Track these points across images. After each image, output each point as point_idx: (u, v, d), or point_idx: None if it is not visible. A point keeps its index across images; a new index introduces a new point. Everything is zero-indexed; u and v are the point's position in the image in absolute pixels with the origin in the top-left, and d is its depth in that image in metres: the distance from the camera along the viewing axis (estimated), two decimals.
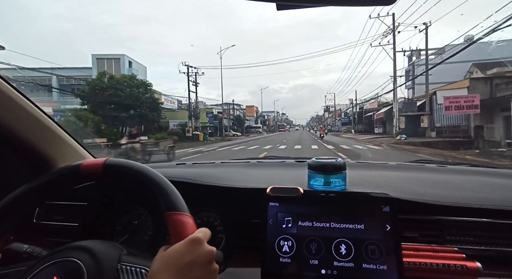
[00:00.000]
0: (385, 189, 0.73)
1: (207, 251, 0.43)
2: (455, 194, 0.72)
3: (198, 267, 0.41)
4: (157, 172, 0.52)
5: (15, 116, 0.71)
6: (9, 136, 0.72)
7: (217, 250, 0.46)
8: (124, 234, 0.82)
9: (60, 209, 0.86)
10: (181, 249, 0.41)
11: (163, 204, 0.47)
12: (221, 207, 0.79)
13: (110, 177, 0.54)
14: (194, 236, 0.43)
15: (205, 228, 0.47)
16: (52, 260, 0.46)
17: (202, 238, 0.43)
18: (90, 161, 0.54)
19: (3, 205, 0.52)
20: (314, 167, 0.69)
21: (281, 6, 0.47)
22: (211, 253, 0.43)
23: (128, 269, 0.46)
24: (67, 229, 0.83)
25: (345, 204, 0.62)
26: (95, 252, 0.47)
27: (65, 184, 0.56)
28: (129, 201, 0.85)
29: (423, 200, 0.68)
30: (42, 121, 0.78)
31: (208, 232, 0.46)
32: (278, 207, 0.62)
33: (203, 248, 0.43)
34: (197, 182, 0.80)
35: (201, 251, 0.42)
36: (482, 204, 0.67)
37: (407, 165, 1.07)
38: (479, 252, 0.63)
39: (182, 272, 0.40)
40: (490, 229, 0.66)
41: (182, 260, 0.40)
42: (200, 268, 0.41)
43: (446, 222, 0.67)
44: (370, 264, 0.56)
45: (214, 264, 0.44)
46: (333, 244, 0.58)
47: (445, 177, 0.91)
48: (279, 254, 0.59)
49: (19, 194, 0.53)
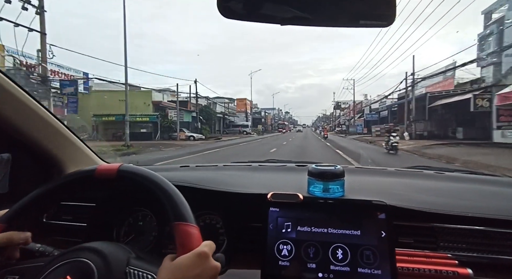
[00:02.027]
0: (382, 196, 0.75)
1: (212, 267, 0.45)
2: (450, 202, 0.75)
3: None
4: (168, 181, 0.54)
5: (31, 122, 0.75)
6: (25, 140, 0.76)
7: (219, 253, 0.49)
8: (129, 234, 0.85)
9: (69, 210, 0.90)
10: (188, 263, 0.43)
11: (171, 214, 0.49)
12: (223, 211, 0.82)
13: (122, 183, 0.56)
14: (201, 250, 0.45)
15: (210, 242, 0.48)
16: (65, 259, 0.49)
17: (208, 252, 0.45)
18: (105, 166, 0.56)
19: (22, 205, 0.55)
20: (314, 174, 0.72)
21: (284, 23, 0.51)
22: (216, 269, 0.45)
23: (135, 274, 0.48)
24: (75, 229, 0.86)
25: (343, 210, 0.64)
26: (106, 254, 0.49)
27: (80, 187, 0.59)
28: (135, 203, 0.88)
29: (419, 208, 0.71)
30: (55, 126, 0.82)
31: (213, 245, 0.48)
32: (279, 212, 0.65)
33: (209, 263, 0.44)
34: (201, 187, 0.83)
35: (207, 265, 0.44)
36: (476, 213, 0.70)
37: (405, 172, 1.09)
38: (472, 259, 0.65)
39: None
40: (483, 237, 0.68)
41: (188, 273, 0.42)
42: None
43: (440, 229, 0.69)
44: (365, 268, 0.59)
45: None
46: (330, 248, 0.61)
47: (442, 184, 0.93)
48: (279, 257, 0.62)
49: (36, 195, 0.56)
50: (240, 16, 0.48)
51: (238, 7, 0.48)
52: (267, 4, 0.47)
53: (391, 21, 0.47)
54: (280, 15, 0.49)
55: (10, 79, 0.69)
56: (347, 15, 0.48)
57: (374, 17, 0.48)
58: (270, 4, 0.47)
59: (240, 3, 0.47)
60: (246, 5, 0.47)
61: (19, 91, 0.72)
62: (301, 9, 0.47)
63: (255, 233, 0.74)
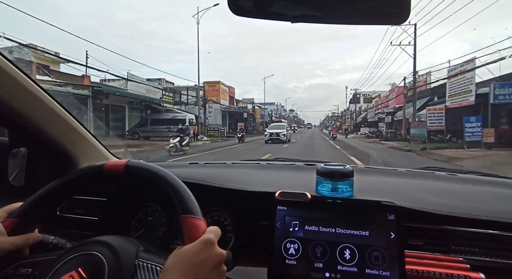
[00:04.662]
0: (391, 196, 0.74)
1: (218, 253, 0.46)
2: (463, 205, 0.73)
3: (208, 267, 0.44)
4: (174, 176, 0.55)
5: (47, 118, 0.78)
6: (40, 136, 0.78)
7: (226, 250, 0.49)
8: (139, 229, 0.87)
9: (82, 204, 0.92)
10: (194, 249, 0.45)
11: (179, 207, 0.50)
12: (231, 208, 0.83)
13: (130, 178, 0.58)
14: (207, 238, 0.46)
15: (215, 227, 0.49)
16: (77, 252, 0.51)
17: (213, 239, 0.46)
18: (113, 162, 0.58)
19: (35, 198, 0.57)
20: (322, 173, 0.71)
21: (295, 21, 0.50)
22: (222, 255, 0.46)
23: (145, 266, 0.49)
24: (87, 222, 0.89)
25: (351, 210, 0.64)
26: (115, 247, 0.50)
27: (89, 182, 0.61)
28: (145, 198, 0.90)
29: (430, 210, 0.69)
30: (69, 122, 0.84)
31: (219, 231, 0.49)
32: (286, 211, 0.65)
33: (215, 250, 0.46)
34: (209, 184, 0.84)
35: (212, 252, 0.45)
36: (489, 216, 0.68)
37: (416, 172, 1.07)
38: (484, 263, 0.64)
39: (194, 270, 0.43)
40: (497, 241, 0.66)
41: (194, 259, 0.44)
42: (210, 268, 0.44)
43: (451, 232, 0.68)
44: (373, 269, 0.58)
45: (223, 266, 0.47)
46: (338, 248, 0.61)
47: (454, 186, 0.90)
48: (286, 256, 0.62)
49: (49, 189, 0.58)
50: (250, 13, 0.47)
51: (249, 4, 0.47)
52: (277, 1, 0.46)
53: (405, 18, 0.46)
54: (291, 13, 0.48)
55: (30, 78, 0.72)
56: (359, 12, 0.47)
57: (387, 14, 0.47)
58: (280, 1, 0.46)
59: (251, 0, 0.47)
60: (256, 2, 0.47)
61: (38, 90, 0.74)
62: (311, 6, 0.46)
63: (263, 231, 0.74)
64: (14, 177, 0.88)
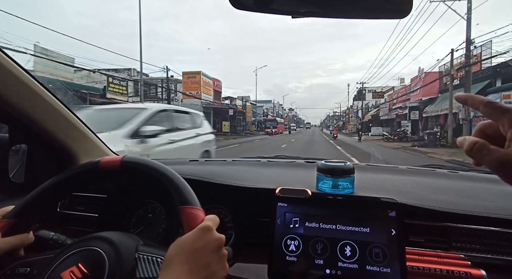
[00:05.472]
0: (392, 193, 0.74)
1: (216, 238, 0.47)
2: (464, 202, 0.72)
3: (208, 252, 0.45)
4: (171, 169, 0.55)
5: (47, 114, 0.77)
6: (40, 132, 0.78)
7: (227, 246, 0.49)
8: (139, 226, 0.87)
9: (82, 200, 0.92)
10: (193, 236, 0.45)
11: (177, 199, 0.51)
12: (231, 205, 0.83)
13: (127, 173, 0.58)
14: (204, 224, 0.47)
15: (213, 215, 0.50)
16: (76, 248, 0.51)
17: (211, 225, 0.47)
18: (109, 158, 0.58)
19: (34, 195, 0.57)
20: (323, 170, 0.71)
21: (295, 16, 0.50)
22: (220, 240, 0.47)
23: (145, 258, 0.50)
24: (87, 219, 0.89)
25: (352, 207, 0.63)
26: (115, 242, 0.51)
27: (86, 179, 0.61)
28: (145, 195, 0.90)
29: (431, 207, 0.69)
30: (69, 119, 0.84)
31: (217, 218, 0.50)
32: (287, 208, 0.65)
33: (213, 235, 0.46)
34: (209, 181, 0.83)
35: (211, 237, 0.46)
36: (491, 213, 0.67)
37: (417, 170, 1.06)
38: (485, 260, 0.63)
39: (194, 256, 0.44)
40: (498, 238, 0.66)
41: (193, 246, 0.44)
42: (210, 253, 0.45)
43: (453, 228, 0.67)
44: (374, 266, 0.58)
45: (223, 249, 0.48)
46: (338, 245, 0.60)
47: (455, 183, 0.90)
48: (286, 252, 0.62)
49: (47, 186, 0.58)
50: (251, 7, 0.47)
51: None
52: None
53: (407, 12, 0.46)
54: (291, 7, 0.48)
55: (30, 75, 0.72)
56: (360, 5, 0.47)
57: (389, 8, 0.46)
58: None
59: None
60: None
61: (38, 86, 0.74)
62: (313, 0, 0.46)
63: (263, 227, 0.74)
64: (14, 173, 0.88)
